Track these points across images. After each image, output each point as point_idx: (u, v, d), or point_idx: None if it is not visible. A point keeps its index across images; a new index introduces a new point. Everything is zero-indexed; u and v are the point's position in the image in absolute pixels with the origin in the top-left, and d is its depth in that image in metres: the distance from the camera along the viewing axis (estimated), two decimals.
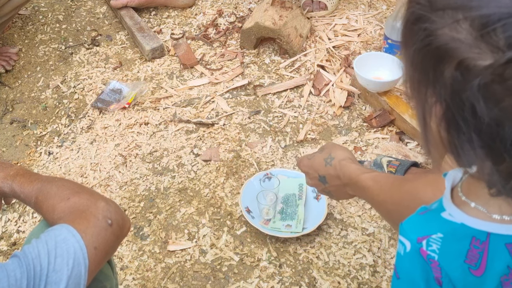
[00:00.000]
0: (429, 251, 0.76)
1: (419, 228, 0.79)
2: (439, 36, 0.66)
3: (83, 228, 0.94)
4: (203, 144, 2.02)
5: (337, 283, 1.60)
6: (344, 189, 1.28)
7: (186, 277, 1.65)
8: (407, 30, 0.71)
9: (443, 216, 0.77)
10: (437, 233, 0.76)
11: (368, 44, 2.36)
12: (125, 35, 2.56)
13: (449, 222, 0.76)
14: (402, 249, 0.80)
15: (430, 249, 0.76)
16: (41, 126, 2.18)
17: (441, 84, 0.67)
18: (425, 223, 0.79)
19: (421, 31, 0.68)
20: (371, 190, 1.18)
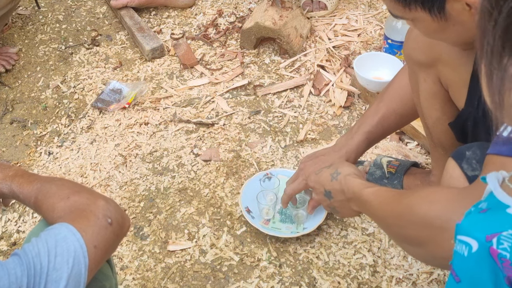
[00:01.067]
0: (500, 250, 0.72)
1: (486, 226, 0.75)
2: None
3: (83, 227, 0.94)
4: (203, 144, 2.02)
5: (337, 283, 1.60)
6: (348, 205, 1.30)
7: (186, 277, 1.65)
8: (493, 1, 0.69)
9: (510, 212, 0.74)
10: (508, 230, 0.72)
11: (368, 44, 2.36)
12: (125, 35, 2.56)
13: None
14: (465, 250, 0.76)
15: (501, 248, 0.72)
16: (41, 126, 2.18)
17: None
18: (491, 221, 0.75)
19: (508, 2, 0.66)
20: (372, 205, 1.19)
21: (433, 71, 1.39)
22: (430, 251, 1.02)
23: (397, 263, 1.64)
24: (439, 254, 1.00)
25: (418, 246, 1.05)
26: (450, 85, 1.39)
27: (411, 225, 1.04)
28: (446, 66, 1.35)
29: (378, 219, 1.19)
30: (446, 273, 1.61)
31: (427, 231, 1.01)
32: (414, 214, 1.02)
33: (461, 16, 1.03)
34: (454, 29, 1.07)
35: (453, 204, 0.98)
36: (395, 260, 1.65)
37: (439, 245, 1.00)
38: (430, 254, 1.03)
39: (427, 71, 1.41)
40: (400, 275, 1.61)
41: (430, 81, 1.42)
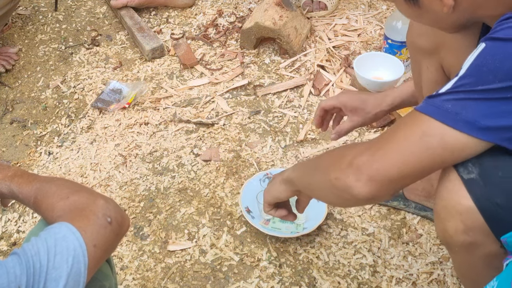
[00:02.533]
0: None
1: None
2: None
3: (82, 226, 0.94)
4: (203, 144, 2.02)
5: (337, 283, 1.60)
6: (282, 174, 1.33)
7: (186, 277, 1.65)
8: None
9: None
10: None
11: (368, 44, 2.36)
12: (125, 35, 2.56)
13: None
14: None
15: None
16: (41, 126, 2.18)
17: None
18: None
19: None
20: (299, 165, 1.29)
21: (436, 58, 1.39)
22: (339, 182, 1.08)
23: (397, 263, 1.64)
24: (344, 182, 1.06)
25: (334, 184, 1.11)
26: (453, 72, 1.39)
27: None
28: (449, 52, 1.35)
29: (306, 169, 1.25)
30: (446, 273, 1.61)
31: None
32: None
33: (432, 5, 1.06)
34: (428, 16, 1.10)
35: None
36: (395, 260, 1.65)
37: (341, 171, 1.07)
38: (330, 180, 1.10)
39: (430, 59, 1.41)
40: (400, 275, 1.61)
41: (433, 69, 1.42)
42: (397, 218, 1.76)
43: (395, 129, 1.06)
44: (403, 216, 1.76)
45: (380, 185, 1.05)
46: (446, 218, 1.10)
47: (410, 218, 1.76)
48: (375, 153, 1.05)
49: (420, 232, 1.72)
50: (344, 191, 1.08)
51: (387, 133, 1.08)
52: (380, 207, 1.79)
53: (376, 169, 1.03)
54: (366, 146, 1.08)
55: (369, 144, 1.08)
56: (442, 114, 0.99)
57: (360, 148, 1.07)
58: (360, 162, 1.05)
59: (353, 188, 1.05)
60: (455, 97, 0.98)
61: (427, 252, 1.66)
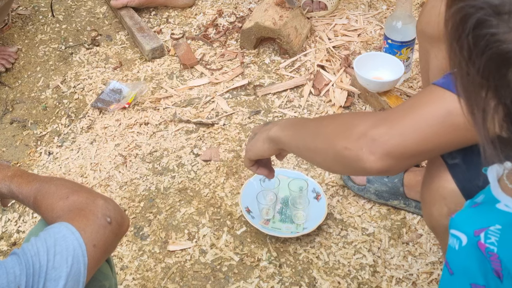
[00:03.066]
0: (488, 244, 0.74)
1: (475, 221, 0.77)
2: (506, 42, 0.66)
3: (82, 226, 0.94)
4: (203, 144, 2.02)
5: (337, 283, 1.60)
6: (268, 131, 1.26)
7: (186, 277, 1.65)
8: (467, 35, 0.70)
9: (499, 207, 0.75)
10: (495, 225, 0.74)
11: (368, 44, 2.36)
12: (125, 35, 2.56)
13: (506, 213, 0.75)
14: (456, 243, 0.77)
15: (488, 242, 0.74)
16: (41, 126, 2.18)
17: (505, 87, 0.67)
18: (480, 216, 0.77)
19: (486, 37, 0.67)
20: (306, 118, 1.21)
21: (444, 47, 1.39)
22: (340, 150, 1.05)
23: (397, 263, 1.64)
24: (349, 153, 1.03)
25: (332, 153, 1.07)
26: None
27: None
28: None
29: (301, 131, 1.19)
30: None
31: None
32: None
33: None
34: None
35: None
36: (395, 260, 1.65)
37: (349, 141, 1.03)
38: (336, 149, 1.06)
39: (438, 47, 1.41)
40: (400, 275, 1.61)
41: (441, 57, 1.42)
42: (397, 218, 1.76)
43: (415, 103, 1.02)
44: (403, 216, 1.76)
45: (396, 160, 1.01)
46: (431, 202, 1.11)
47: (410, 218, 1.76)
48: (393, 126, 1.00)
49: (420, 232, 1.72)
50: (354, 162, 1.03)
51: (405, 106, 1.03)
52: (380, 207, 1.79)
53: (394, 144, 0.99)
54: (381, 117, 1.03)
55: (384, 115, 1.03)
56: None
57: (375, 119, 1.03)
58: (376, 134, 1.00)
59: (365, 161, 1.01)
60: None
61: (427, 252, 1.66)
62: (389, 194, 1.75)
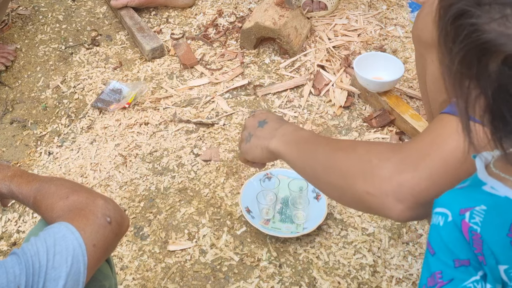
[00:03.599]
0: (472, 223, 0.75)
1: (461, 200, 0.77)
2: (486, 32, 0.66)
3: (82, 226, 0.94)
4: (203, 144, 2.02)
5: (337, 283, 1.60)
6: (270, 140, 1.16)
7: (186, 277, 1.65)
8: (449, 25, 0.70)
9: (485, 189, 0.76)
10: (480, 205, 0.75)
11: (368, 44, 2.36)
12: (125, 35, 2.56)
13: (492, 195, 0.75)
14: (441, 220, 0.77)
15: (472, 221, 0.75)
16: (41, 126, 2.18)
17: (485, 77, 0.67)
18: (466, 196, 0.77)
19: (467, 26, 0.67)
20: (312, 139, 1.10)
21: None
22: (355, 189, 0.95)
23: (397, 263, 1.64)
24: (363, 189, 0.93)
25: (342, 185, 0.98)
26: None
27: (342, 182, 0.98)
28: None
29: (308, 155, 1.08)
30: None
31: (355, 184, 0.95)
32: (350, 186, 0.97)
33: None
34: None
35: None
36: (395, 260, 1.65)
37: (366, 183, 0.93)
38: (356, 192, 0.96)
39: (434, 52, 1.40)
40: (400, 275, 1.61)
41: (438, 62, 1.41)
42: None
43: (434, 139, 0.92)
44: None
45: (425, 207, 0.90)
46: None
47: None
48: (418, 167, 0.90)
49: (420, 232, 1.72)
50: (379, 209, 0.93)
51: (423, 142, 0.93)
52: None
53: (423, 189, 0.89)
54: (401, 158, 0.92)
55: (403, 155, 0.92)
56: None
57: (395, 161, 0.92)
58: (402, 180, 0.89)
59: (393, 209, 0.90)
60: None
61: None
62: None
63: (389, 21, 2.48)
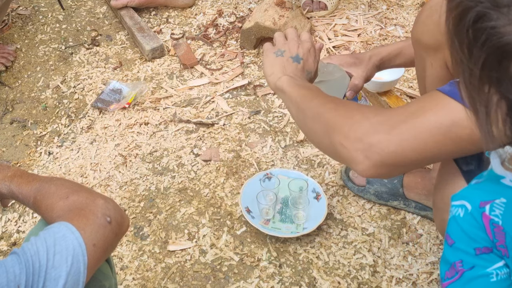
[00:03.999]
0: (492, 216, 0.75)
1: (480, 193, 0.78)
2: (506, 34, 0.65)
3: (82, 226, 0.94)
4: (203, 144, 2.02)
5: (337, 283, 1.60)
6: (280, 74, 1.26)
7: (186, 277, 1.65)
8: (468, 29, 0.69)
9: (504, 182, 0.77)
10: (500, 198, 0.75)
11: (368, 44, 2.36)
12: (125, 35, 2.56)
13: (511, 188, 0.76)
14: (461, 211, 0.78)
15: (493, 214, 0.75)
16: (41, 126, 2.18)
17: (507, 81, 0.66)
18: (485, 189, 0.78)
19: (486, 30, 0.67)
20: (314, 90, 1.20)
21: (440, 55, 1.39)
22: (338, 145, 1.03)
23: (397, 263, 1.64)
24: (344, 152, 1.01)
25: (325, 135, 1.07)
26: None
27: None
28: None
29: (304, 101, 1.18)
30: None
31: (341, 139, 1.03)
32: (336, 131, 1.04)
33: None
34: None
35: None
36: (395, 260, 1.65)
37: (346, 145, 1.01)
38: (332, 141, 1.05)
39: (434, 55, 1.41)
40: (400, 275, 1.61)
41: (437, 65, 1.42)
42: (397, 218, 1.76)
43: (418, 109, 0.98)
44: (403, 216, 1.76)
45: (389, 168, 0.98)
46: (444, 208, 1.09)
47: (410, 218, 1.76)
48: (392, 132, 0.97)
49: (420, 232, 1.72)
50: (347, 160, 1.01)
51: (407, 110, 0.99)
52: (380, 207, 1.79)
53: (390, 152, 0.96)
54: (382, 119, 0.99)
55: (385, 117, 1.00)
56: None
57: (375, 120, 0.99)
58: (373, 140, 0.97)
59: (359, 163, 0.99)
60: None
61: (427, 252, 1.66)
62: (388, 195, 1.75)
63: (389, 21, 2.48)
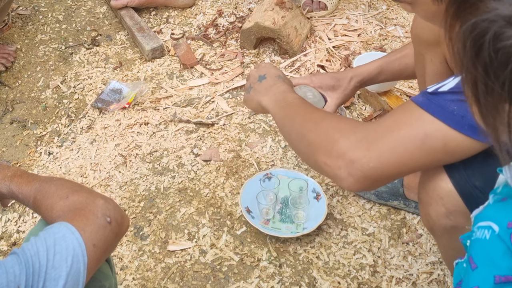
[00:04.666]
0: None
1: (507, 213, 0.78)
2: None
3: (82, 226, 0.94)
4: (203, 144, 2.02)
5: (337, 283, 1.60)
6: (263, 95, 1.35)
7: (186, 277, 1.65)
8: (487, 50, 0.69)
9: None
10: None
11: (368, 44, 2.36)
12: (125, 35, 2.56)
13: None
14: (488, 233, 0.78)
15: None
16: (41, 126, 2.18)
17: None
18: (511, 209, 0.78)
19: (506, 49, 0.67)
20: (291, 107, 1.27)
21: (440, 51, 1.39)
22: (320, 159, 1.10)
23: (397, 263, 1.64)
24: (327, 168, 1.08)
25: (310, 151, 1.13)
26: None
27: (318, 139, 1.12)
28: None
29: (288, 119, 1.25)
30: (446, 273, 1.61)
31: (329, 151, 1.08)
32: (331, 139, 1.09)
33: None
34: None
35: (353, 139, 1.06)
36: (395, 260, 1.65)
37: (329, 159, 1.07)
38: (317, 160, 1.11)
39: (434, 51, 1.41)
40: (400, 275, 1.61)
41: (437, 61, 1.42)
42: (397, 218, 1.76)
43: (393, 124, 1.03)
44: (403, 216, 1.76)
45: (372, 181, 1.04)
46: (428, 202, 1.11)
47: (410, 218, 1.76)
48: (371, 148, 1.02)
49: (420, 232, 1.72)
50: (332, 178, 1.08)
51: (384, 125, 1.05)
52: (380, 207, 1.79)
53: (371, 168, 1.02)
54: (361, 136, 1.05)
55: (364, 134, 1.05)
56: (448, 117, 0.96)
57: (355, 138, 1.05)
58: (354, 156, 1.03)
59: (343, 180, 1.05)
60: (460, 98, 0.94)
61: (427, 252, 1.66)
62: (389, 194, 1.75)
63: (389, 21, 2.48)
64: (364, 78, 1.66)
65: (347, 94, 1.65)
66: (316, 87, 1.62)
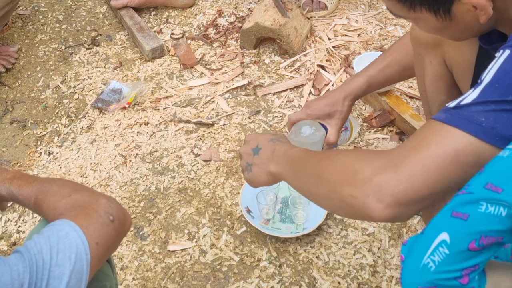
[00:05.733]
0: None
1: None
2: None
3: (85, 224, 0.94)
4: (203, 144, 2.02)
5: (337, 283, 1.60)
6: (268, 165, 1.24)
7: (186, 277, 1.65)
8: None
9: None
10: None
11: (368, 44, 2.37)
12: (125, 35, 2.56)
13: None
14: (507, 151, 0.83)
15: None
16: (41, 126, 2.18)
17: None
18: None
19: None
20: (299, 158, 1.17)
21: (439, 53, 1.39)
22: (349, 202, 0.99)
23: (397, 263, 1.64)
24: (356, 203, 0.97)
25: (338, 200, 1.02)
26: (455, 67, 1.39)
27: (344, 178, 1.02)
28: (451, 46, 1.35)
29: (301, 172, 1.15)
30: None
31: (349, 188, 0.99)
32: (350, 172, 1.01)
33: (465, 17, 1.01)
34: (456, 27, 1.06)
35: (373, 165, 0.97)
36: (395, 260, 1.65)
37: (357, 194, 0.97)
38: (342, 196, 1.00)
39: (433, 53, 1.41)
40: (400, 275, 1.61)
41: (436, 63, 1.42)
42: None
43: (418, 144, 0.96)
44: None
45: (405, 207, 0.94)
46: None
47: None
48: (399, 170, 0.94)
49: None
50: (361, 210, 0.97)
51: (408, 147, 0.97)
52: None
53: (402, 190, 0.93)
54: (384, 161, 0.96)
55: (387, 159, 0.97)
56: (477, 129, 0.91)
57: (378, 164, 0.96)
58: (381, 181, 0.94)
59: (373, 209, 0.94)
60: (486, 109, 0.90)
61: None
62: None
63: (389, 21, 2.48)
64: (355, 95, 1.65)
65: (344, 116, 1.61)
66: (314, 120, 1.61)
